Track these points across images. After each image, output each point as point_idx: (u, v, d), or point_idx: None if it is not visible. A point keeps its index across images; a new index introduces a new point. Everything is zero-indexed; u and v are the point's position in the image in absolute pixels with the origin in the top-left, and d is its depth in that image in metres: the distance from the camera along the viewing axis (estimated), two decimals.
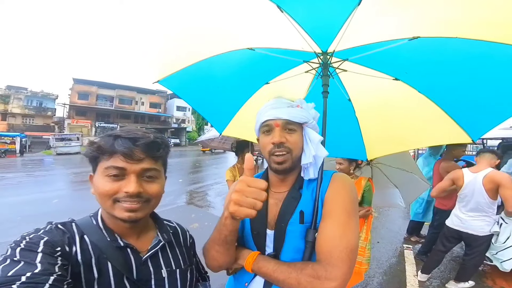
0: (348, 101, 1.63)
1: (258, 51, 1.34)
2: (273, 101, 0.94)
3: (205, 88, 1.57)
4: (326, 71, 1.27)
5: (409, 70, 1.35)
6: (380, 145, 1.73)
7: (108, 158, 0.67)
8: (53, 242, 0.60)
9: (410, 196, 3.01)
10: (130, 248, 0.72)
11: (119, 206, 0.66)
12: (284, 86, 1.61)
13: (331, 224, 0.80)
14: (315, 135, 0.91)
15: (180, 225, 0.95)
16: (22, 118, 30.97)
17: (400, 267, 3.45)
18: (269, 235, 0.89)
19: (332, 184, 0.87)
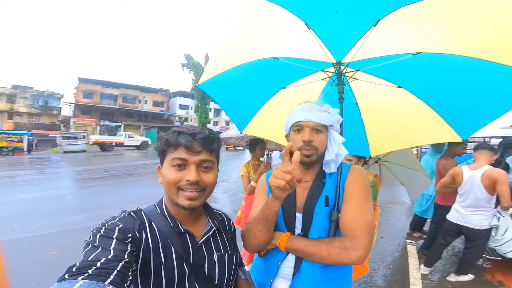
0: (355, 105, 1.83)
1: (281, 60, 1.52)
2: (305, 105, 1.08)
3: (233, 92, 1.79)
4: (341, 79, 1.46)
5: (411, 79, 1.56)
6: (382, 143, 1.93)
7: (173, 151, 0.76)
8: (126, 228, 0.67)
9: (415, 192, 3.15)
10: (188, 234, 0.79)
11: (182, 194, 0.74)
12: (299, 91, 1.81)
13: (352, 205, 0.95)
14: (338, 136, 1.06)
15: (225, 214, 1.02)
16: (29, 117, 31.37)
17: (403, 261, 3.57)
18: (298, 218, 1.02)
19: (350, 173, 1.03)
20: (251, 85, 1.77)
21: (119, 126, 34.65)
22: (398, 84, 1.61)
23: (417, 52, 1.32)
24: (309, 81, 1.73)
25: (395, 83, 1.62)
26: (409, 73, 1.53)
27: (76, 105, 33.13)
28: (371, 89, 1.70)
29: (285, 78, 1.77)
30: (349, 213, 0.94)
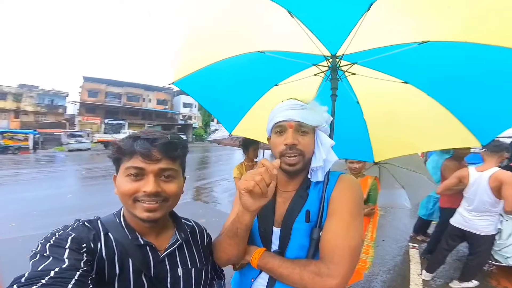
0: (356, 103, 1.65)
1: (268, 54, 1.37)
2: (287, 102, 0.95)
3: (217, 90, 1.62)
4: (335, 74, 1.30)
5: (419, 73, 1.37)
6: (387, 148, 1.75)
7: (129, 159, 0.70)
8: (79, 238, 0.63)
9: (417, 196, 3.02)
10: (149, 246, 0.74)
11: (139, 206, 0.69)
12: (293, 88, 1.64)
13: (335, 223, 0.83)
14: (326, 139, 0.94)
15: (198, 224, 0.97)
16: (35, 116, 31.69)
17: (405, 265, 3.45)
18: (275, 233, 0.92)
19: (338, 185, 0.90)
20: (238, 82, 1.61)
21: (124, 124, 34.85)
22: (404, 79, 1.42)
23: (423, 41, 1.14)
24: (302, 77, 1.56)
25: (401, 78, 1.42)
26: (415, 66, 1.34)
27: (81, 103, 33.34)
28: (374, 85, 1.51)
29: (276, 74, 1.60)
30: (330, 232, 0.82)
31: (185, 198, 6.70)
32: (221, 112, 1.79)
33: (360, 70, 1.42)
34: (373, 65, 1.39)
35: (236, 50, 1.37)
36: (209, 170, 12.10)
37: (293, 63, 1.45)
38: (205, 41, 1.33)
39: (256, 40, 1.35)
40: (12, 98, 29.96)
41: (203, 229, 0.97)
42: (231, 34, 1.31)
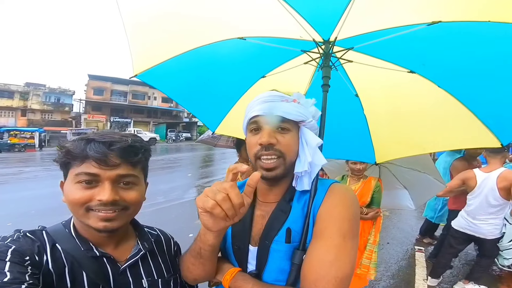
0: (355, 97, 1.44)
1: (250, 40, 1.18)
2: (265, 94, 0.79)
3: (193, 83, 1.42)
4: (328, 61, 1.09)
5: (427, 61, 1.15)
6: (391, 147, 1.52)
7: (80, 164, 0.63)
8: (21, 251, 0.57)
9: (422, 197, 2.83)
10: (106, 257, 0.68)
11: (93, 215, 0.63)
12: (282, 79, 1.45)
13: (321, 246, 0.67)
14: (312, 137, 0.77)
15: (164, 232, 0.91)
16: (41, 114, 32.19)
17: (410, 270, 3.34)
18: (251, 251, 0.78)
19: (328, 197, 0.74)
20: (218, 74, 1.41)
21: (129, 122, 35.10)
22: (410, 68, 1.21)
23: (434, 22, 0.94)
24: (292, 66, 1.36)
25: (406, 67, 1.21)
26: (423, 52, 1.13)
27: (87, 101, 33.68)
28: (376, 76, 1.31)
29: (263, 64, 1.40)
30: (315, 258, 0.67)
31: (186, 197, 6.61)
32: (200, 109, 1.59)
33: (358, 57, 1.21)
34: (373, 51, 1.18)
35: (211, 37, 1.17)
36: (212, 168, 12.02)
37: (281, 51, 1.26)
38: (173, 25, 1.12)
39: (235, 25, 1.15)
40: (19, 97, 30.47)
41: (169, 238, 0.91)
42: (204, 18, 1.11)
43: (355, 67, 1.27)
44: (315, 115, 0.83)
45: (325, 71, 1.06)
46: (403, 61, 1.20)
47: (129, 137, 0.69)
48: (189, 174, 9.97)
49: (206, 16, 1.11)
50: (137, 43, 1.13)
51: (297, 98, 0.79)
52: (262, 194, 0.84)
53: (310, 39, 1.13)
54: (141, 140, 0.72)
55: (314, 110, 0.83)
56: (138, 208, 0.72)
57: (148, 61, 1.19)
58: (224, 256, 0.85)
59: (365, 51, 1.19)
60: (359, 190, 2.39)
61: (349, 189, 0.79)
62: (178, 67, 1.26)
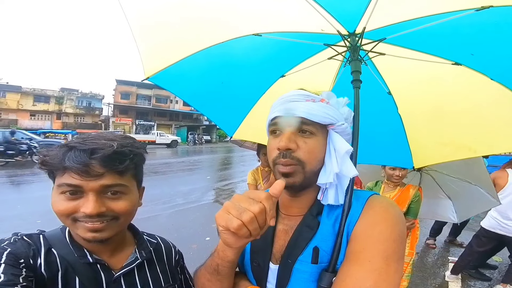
0: (387, 95, 1.27)
1: (266, 36, 1.08)
2: (289, 93, 0.71)
3: (207, 85, 1.34)
4: (356, 54, 0.96)
5: (477, 51, 0.97)
6: (433, 150, 1.33)
7: (61, 174, 0.59)
8: (16, 254, 0.57)
9: (468, 210, 2.53)
10: (100, 264, 0.66)
11: (81, 226, 0.60)
12: (303, 78, 1.33)
13: (357, 271, 0.55)
14: (342, 143, 0.66)
15: (165, 241, 0.86)
16: (74, 117, 34.54)
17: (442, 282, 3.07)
18: (272, 270, 0.69)
19: (366, 212, 0.62)
20: (233, 75, 1.32)
21: (153, 125, 36.45)
22: (454, 59, 1.04)
23: (483, 7, 0.78)
24: (314, 63, 1.23)
25: (450, 59, 1.05)
26: (472, 41, 0.96)
27: (115, 105, 35.50)
28: (412, 70, 1.16)
29: (281, 62, 1.30)
30: (350, 283, 0.55)
31: (204, 200, 6.63)
32: (216, 112, 1.50)
33: (390, 49, 1.06)
34: (409, 42, 1.03)
35: (225, 34, 1.09)
36: (231, 171, 12.02)
37: (301, 47, 1.14)
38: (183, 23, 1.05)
39: (249, 20, 1.05)
40: (54, 101, 32.87)
41: (170, 246, 0.86)
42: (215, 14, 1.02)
43: (387, 61, 1.12)
44: (348, 117, 0.72)
45: (354, 65, 0.92)
46: (446, 52, 1.03)
47: (116, 141, 0.62)
48: (208, 177, 10.04)
49: (217, 12, 1.03)
50: (145, 44, 1.07)
51: (326, 98, 0.69)
52: (284, 206, 0.75)
53: (334, 32, 1.01)
54: (131, 143, 0.66)
55: (347, 111, 0.72)
56: (130, 217, 0.69)
57: (159, 62, 1.13)
58: (241, 271, 0.78)
59: (398, 43, 1.04)
60: (395, 198, 2.18)
61: (392, 204, 0.66)
62: (191, 68, 1.19)
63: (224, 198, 6.89)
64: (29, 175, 9.77)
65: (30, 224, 4.58)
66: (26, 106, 30.47)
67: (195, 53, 1.12)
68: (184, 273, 0.87)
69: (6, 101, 29.26)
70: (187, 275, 0.88)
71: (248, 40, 1.12)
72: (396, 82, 1.25)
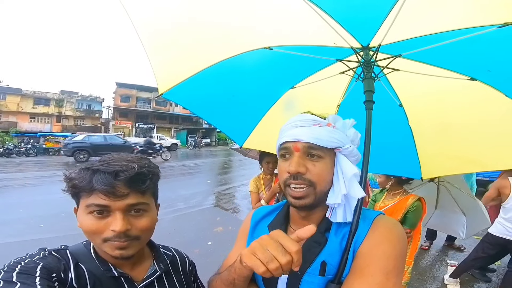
0: (399, 107, 1.28)
1: (277, 50, 1.08)
2: (297, 117, 0.75)
3: (219, 98, 1.35)
4: (370, 72, 0.95)
5: (494, 67, 0.98)
6: (442, 162, 1.35)
7: (88, 195, 0.63)
8: (48, 268, 0.60)
9: (474, 228, 2.55)
10: (124, 277, 0.70)
11: (109, 244, 0.64)
12: (314, 90, 1.33)
13: (360, 284, 0.62)
14: (349, 166, 0.70)
15: (179, 252, 0.91)
16: (74, 120, 34.48)
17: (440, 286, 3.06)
18: (281, 279, 0.74)
19: (372, 232, 0.68)
20: (244, 87, 1.33)
21: (153, 128, 36.46)
22: (470, 75, 1.05)
23: (506, 24, 0.78)
24: (325, 76, 1.23)
25: (466, 74, 1.06)
26: (490, 57, 0.97)
27: (115, 108, 35.53)
28: (425, 84, 1.17)
29: (291, 74, 1.30)
30: None
31: (205, 204, 6.60)
32: (226, 123, 1.52)
33: (406, 64, 1.06)
34: (425, 57, 1.03)
35: (236, 48, 1.09)
36: (231, 175, 11.98)
37: (312, 60, 1.14)
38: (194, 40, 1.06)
39: (260, 34, 1.06)
40: (54, 104, 32.84)
41: (185, 258, 0.91)
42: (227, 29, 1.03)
43: (400, 75, 1.11)
44: (354, 139, 0.75)
45: (368, 84, 0.92)
46: (463, 67, 1.04)
47: (135, 162, 0.67)
48: (208, 181, 10.01)
49: (229, 27, 1.03)
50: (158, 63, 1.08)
51: (332, 122, 0.73)
52: (294, 222, 0.80)
53: (347, 45, 1.01)
54: (148, 164, 0.71)
55: (353, 133, 0.75)
56: (150, 234, 0.73)
57: (171, 79, 1.14)
58: (252, 280, 0.81)
59: (414, 57, 1.04)
60: (391, 205, 2.19)
61: (396, 224, 0.72)
62: (203, 82, 1.20)
63: (225, 203, 6.86)
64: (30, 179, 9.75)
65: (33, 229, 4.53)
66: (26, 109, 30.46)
67: (207, 67, 1.13)
68: (197, 281, 0.92)
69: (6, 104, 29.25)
70: (199, 283, 0.93)
71: (259, 53, 1.12)
72: (408, 95, 1.25)
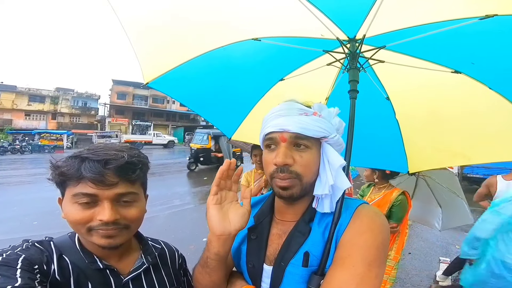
0: (386, 100, 1.29)
1: (265, 41, 1.08)
2: (282, 106, 0.73)
3: (207, 89, 1.34)
4: (355, 62, 0.96)
5: (478, 60, 0.99)
6: (429, 156, 1.37)
7: (76, 184, 0.61)
8: (30, 259, 0.58)
9: (451, 221, 2.64)
10: (109, 270, 0.68)
11: (96, 233, 0.63)
12: (303, 82, 1.34)
13: (342, 275, 0.61)
14: (336, 157, 0.69)
15: (168, 245, 0.89)
16: (70, 117, 34.10)
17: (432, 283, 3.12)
18: (266, 270, 0.74)
19: (354, 222, 0.67)
20: (233, 78, 1.33)
21: (149, 125, 36.31)
22: (454, 67, 1.06)
23: (487, 16, 0.80)
24: (314, 68, 1.24)
25: (450, 67, 1.07)
26: (474, 50, 0.99)
27: (111, 105, 35.27)
28: (411, 77, 1.18)
29: (280, 66, 1.31)
30: (336, 285, 0.61)
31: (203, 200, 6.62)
32: (216, 115, 1.51)
33: (390, 56, 1.07)
34: (410, 49, 1.04)
35: (224, 39, 1.09)
36: None
37: (300, 52, 1.15)
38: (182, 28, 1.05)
39: (249, 25, 1.06)
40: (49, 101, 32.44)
41: (174, 250, 0.89)
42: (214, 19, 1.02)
43: (386, 67, 1.12)
44: (339, 128, 0.75)
45: (352, 74, 0.93)
46: (447, 60, 1.05)
47: (125, 151, 0.65)
48: (205, 178, 10.03)
49: (216, 17, 1.03)
50: (143, 50, 1.07)
51: (318, 110, 0.72)
52: (279, 212, 0.80)
53: (334, 37, 1.01)
54: (138, 153, 0.69)
55: (338, 122, 0.75)
56: (139, 224, 0.72)
57: (158, 68, 1.13)
58: (238, 272, 0.83)
59: (398, 49, 1.05)
60: (376, 201, 2.22)
61: (378, 213, 0.71)
62: (190, 72, 1.19)
63: None
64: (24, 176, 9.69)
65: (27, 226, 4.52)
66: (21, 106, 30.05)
67: (194, 57, 1.12)
68: (187, 275, 0.90)
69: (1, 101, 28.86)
70: (189, 277, 0.90)
71: (248, 44, 1.12)
72: (394, 88, 1.26)
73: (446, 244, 4.22)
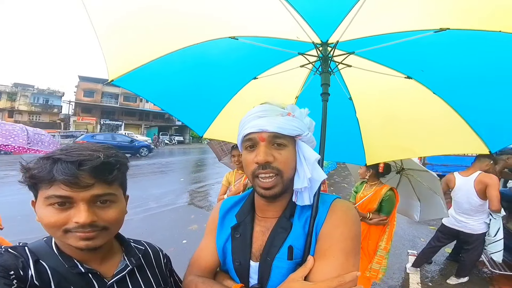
0: (348, 100, 1.41)
1: (242, 40, 1.12)
2: (258, 108, 0.78)
3: (178, 86, 1.34)
4: (327, 66, 1.04)
5: (426, 67, 1.14)
6: (382, 150, 1.54)
7: (48, 186, 0.58)
8: (5, 265, 0.56)
9: (428, 214, 2.94)
10: (92, 273, 0.66)
11: (72, 236, 0.60)
12: (275, 81, 1.40)
13: (326, 265, 0.69)
14: (310, 152, 0.76)
15: (152, 246, 0.88)
16: (29, 115, 31.35)
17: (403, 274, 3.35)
18: (252, 267, 0.78)
19: (330, 215, 0.75)
20: (206, 75, 1.34)
21: (120, 125, 34.53)
22: (407, 73, 1.19)
23: (441, 29, 0.91)
24: (287, 68, 1.30)
25: (404, 72, 1.20)
26: (424, 59, 1.12)
27: (77, 103, 32.97)
28: (371, 80, 1.30)
29: (255, 65, 1.35)
30: (320, 276, 0.68)
31: (178, 202, 6.46)
32: (187, 112, 1.50)
33: (357, 61, 1.17)
34: (372, 55, 1.15)
35: (200, 36, 1.10)
36: (205, 172, 11.81)
37: (275, 52, 1.20)
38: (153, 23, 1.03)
39: (226, 23, 1.08)
40: (6, 97, 29.57)
41: (158, 250, 0.88)
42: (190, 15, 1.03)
43: (351, 71, 1.23)
44: (310, 126, 0.81)
45: (324, 77, 1.00)
46: (402, 66, 1.18)
47: (101, 151, 0.63)
48: (181, 179, 9.79)
49: (192, 13, 1.04)
50: (111, 45, 1.02)
51: (292, 111, 0.77)
52: (260, 210, 0.84)
53: (309, 40, 1.08)
54: (115, 153, 0.67)
55: (309, 121, 0.81)
56: (119, 226, 0.69)
57: (125, 64, 1.09)
58: (225, 271, 0.86)
59: (364, 55, 1.15)
60: (368, 196, 2.46)
61: (350, 207, 0.79)
62: (160, 69, 1.18)
63: (199, 200, 6.77)
64: None
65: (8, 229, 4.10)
66: None
67: (165, 55, 1.12)
68: (173, 275, 0.90)
69: None
70: (176, 277, 0.90)
71: (223, 42, 1.15)
72: (357, 89, 1.39)
73: (413, 237, 4.50)
